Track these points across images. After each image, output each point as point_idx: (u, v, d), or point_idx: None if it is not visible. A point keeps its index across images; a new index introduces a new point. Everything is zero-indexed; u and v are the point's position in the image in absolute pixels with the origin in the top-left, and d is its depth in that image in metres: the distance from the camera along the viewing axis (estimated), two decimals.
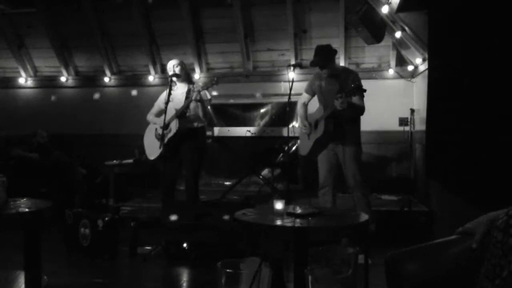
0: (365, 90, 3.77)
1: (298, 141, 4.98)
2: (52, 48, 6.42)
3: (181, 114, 4.14)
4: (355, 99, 3.86)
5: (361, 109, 3.93)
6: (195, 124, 4.22)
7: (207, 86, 4.12)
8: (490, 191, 2.25)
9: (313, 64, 3.99)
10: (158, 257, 3.87)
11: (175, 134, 4.13)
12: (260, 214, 2.63)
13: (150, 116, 4.48)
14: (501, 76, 2.18)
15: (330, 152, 4.02)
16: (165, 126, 4.17)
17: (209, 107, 4.50)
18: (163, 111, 4.24)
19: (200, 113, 4.20)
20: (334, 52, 4.06)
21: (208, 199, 4.95)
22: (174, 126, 4.15)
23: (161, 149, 4.18)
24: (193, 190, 4.25)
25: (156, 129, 4.36)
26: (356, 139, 4.00)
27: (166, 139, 4.16)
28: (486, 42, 2.31)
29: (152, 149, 4.35)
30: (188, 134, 4.19)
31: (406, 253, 1.53)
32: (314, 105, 4.20)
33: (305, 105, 4.24)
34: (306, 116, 4.18)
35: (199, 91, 4.06)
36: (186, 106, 4.13)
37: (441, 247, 1.50)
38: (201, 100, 4.11)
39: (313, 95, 4.22)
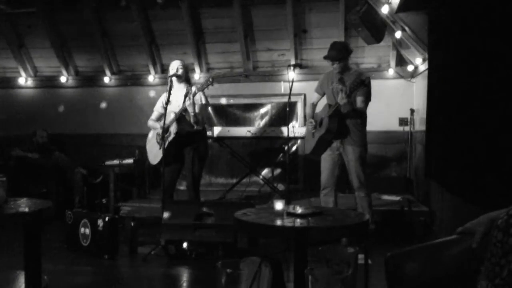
0: (365, 85, 3.77)
1: (304, 140, 4.96)
2: (52, 48, 6.41)
3: (180, 118, 4.12)
4: (358, 100, 3.86)
5: (359, 112, 3.94)
6: (195, 128, 4.19)
7: (203, 88, 4.05)
8: (490, 191, 2.25)
9: (326, 57, 3.97)
10: (158, 257, 3.87)
11: (174, 138, 4.12)
12: (260, 214, 2.63)
13: (150, 122, 4.47)
14: (500, 76, 2.18)
15: (335, 152, 4.01)
16: (165, 130, 4.15)
17: (209, 109, 4.44)
18: (162, 115, 4.23)
19: (192, 114, 4.07)
20: (350, 51, 4.06)
21: (208, 199, 4.95)
22: (173, 129, 4.14)
23: (162, 153, 4.16)
24: (195, 193, 4.27)
25: (157, 134, 4.35)
26: (362, 140, 3.99)
27: (166, 143, 4.15)
28: (486, 42, 2.30)
29: (154, 154, 4.35)
30: (189, 138, 4.18)
31: (406, 253, 1.54)
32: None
33: (314, 105, 4.23)
34: (313, 114, 4.17)
35: (194, 94, 4.04)
36: (183, 109, 4.09)
37: (441, 247, 1.50)
38: (194, 103, 4.04)
39: (323, 95, 4.19)
